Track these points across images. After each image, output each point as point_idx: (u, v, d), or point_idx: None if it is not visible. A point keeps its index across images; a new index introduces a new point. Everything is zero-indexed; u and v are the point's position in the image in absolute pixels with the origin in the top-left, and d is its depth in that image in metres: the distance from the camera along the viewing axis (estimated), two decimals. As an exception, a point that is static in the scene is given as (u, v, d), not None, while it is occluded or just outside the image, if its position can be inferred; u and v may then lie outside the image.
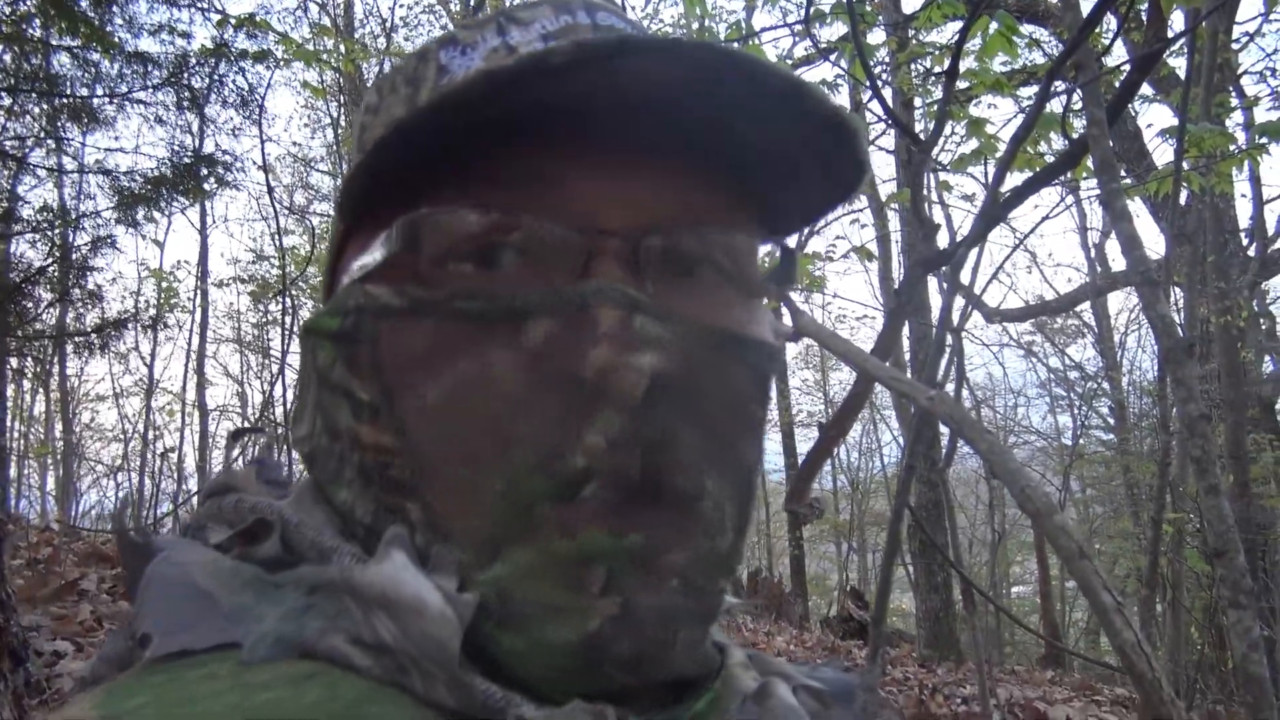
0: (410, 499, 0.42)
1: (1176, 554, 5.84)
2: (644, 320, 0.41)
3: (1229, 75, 9.07)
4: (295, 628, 0.40)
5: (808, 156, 0.45)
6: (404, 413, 0.43)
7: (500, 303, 0.42)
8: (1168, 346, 1.70)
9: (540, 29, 0.49)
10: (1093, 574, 1.16)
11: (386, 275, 0.44)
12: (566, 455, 0.40)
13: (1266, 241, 10.82)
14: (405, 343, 0.43)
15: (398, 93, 0.50)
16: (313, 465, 0.48)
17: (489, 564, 0.41)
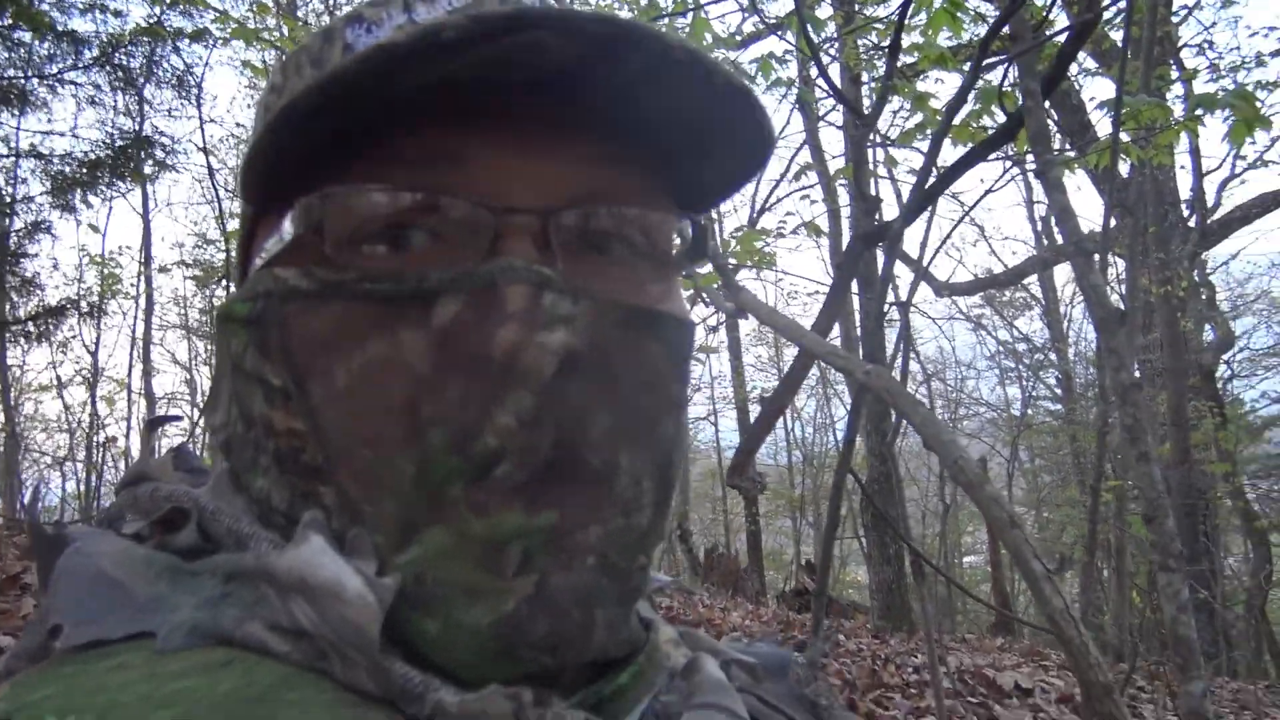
0: (324, 483, 0.42)
1: (1119, 521, 5.97)
2: (553, 298, 0.40)
3: (1169, 48, 9.21)
4: (211, 615, 0.39)
5: (715, 129, 0.44)
6: (314, 397, 0.42)
7: (408, 283, 0.41)
8: (1100, 316, 1.73)
9: (446, 4, 0.48)
10: (1023, 543, 1.18)
11: (294, 258, 0.43)
12: (478, 435, 0.39)
13: (1206, 213, 11.04)
14: (314, 326, 0.42)
15: (302, 72, 0.49)
16: (229, 453, 0.47)
17: (405, 546, 0.40)
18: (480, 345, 0.40)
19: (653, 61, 0.39)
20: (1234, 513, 10.45)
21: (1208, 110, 3.83)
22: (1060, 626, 1.14)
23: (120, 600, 0.40)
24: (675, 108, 0.43)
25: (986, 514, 1.31)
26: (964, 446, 1.54)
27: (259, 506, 0.45)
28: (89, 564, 0.41)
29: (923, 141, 6.70)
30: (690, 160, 0.47)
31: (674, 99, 0.42)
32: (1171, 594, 1.54)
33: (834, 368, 2.84)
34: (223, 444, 0.48)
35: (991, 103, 3.31)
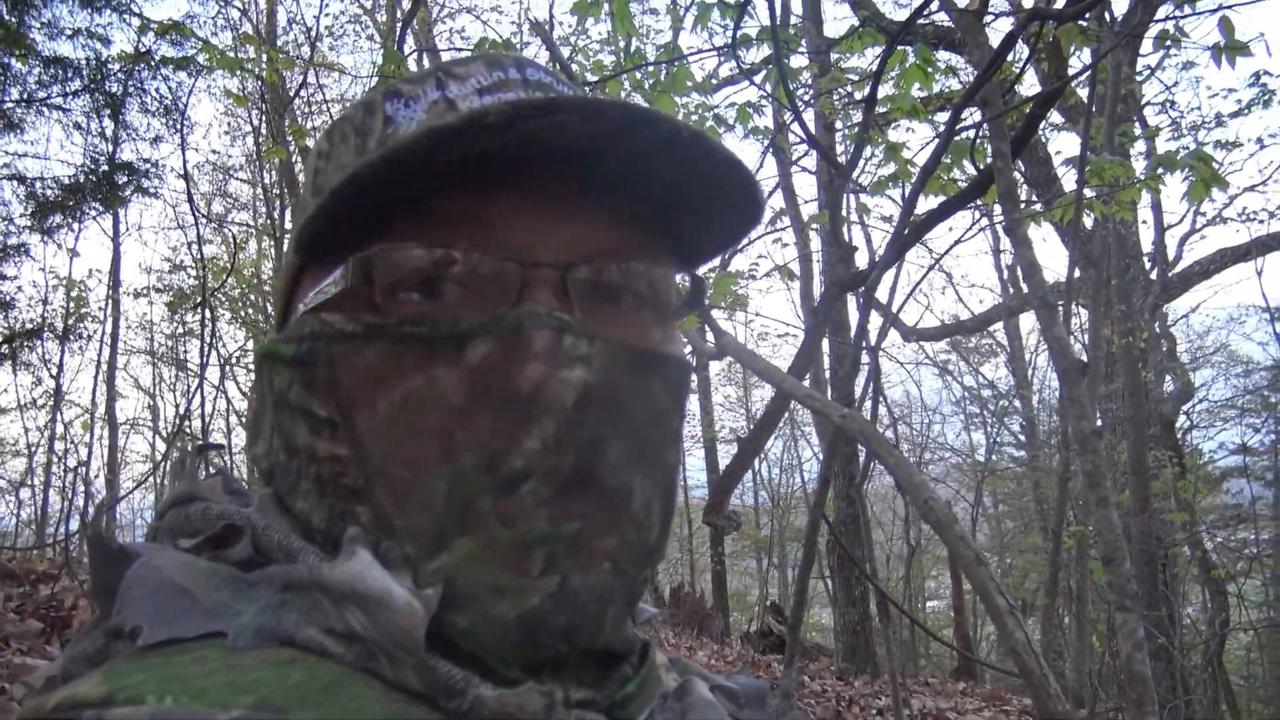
0: (361, 503, 0.48)
1: (1080, 566, 6.06)
2: (572, 340, 0.47)
3: (1133, 106, 9.47)
4: (274, 619, 0.44)
5: (715, 197, 0.52)
6: (358, 426, 0.48)
7: (443, 327, 0.47)
8: (1063, 367, 1.82)
9: (475, 83, 0.55)
10: (987, 579, 1.25)
11: (340, 305, 0.49)
12: (506, 458, 0.46)
13: (1167, 266, 11.29)
14: (359, 364, 0.48)
15: (348, 142, 0.55)
16: (271, 479, 0.53)
17: (435, 555, 0.46)
18: (509, 380, 0.46)
19: (662, 139, 0.47)
20: (1193, 562, 10.59)
21: (1168, 169, 3.97)
22: (1022, 658, 1.20)
23: (190, 606, 0.44)
24: (679, 178, 0.50)
25: (954, 552, 1.37)
26: (933, 489, 1.61)
27: (300, 527, 0.51)
28: (159, 574, 0.46)
29: (895, 190, 6.84)
30: (690, 221, 0.55)
31: (679, 170, 0.50)
32: (1128, 633, 1.61)
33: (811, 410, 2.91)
34: (266, 471, 0.54)
35: (963, 158, 3.43)
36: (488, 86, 0.55)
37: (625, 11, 3.92)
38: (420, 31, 11.21)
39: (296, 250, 0.52)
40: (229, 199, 14.80)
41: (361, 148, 0.54)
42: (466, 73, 0.56)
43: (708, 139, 0.47)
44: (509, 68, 0.56)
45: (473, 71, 0.56)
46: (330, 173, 0.55)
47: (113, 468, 12.60)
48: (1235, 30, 2.39)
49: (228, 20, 10.78)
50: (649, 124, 0.46)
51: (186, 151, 7.21)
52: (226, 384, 12.11)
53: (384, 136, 0.53)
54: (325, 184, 0.53)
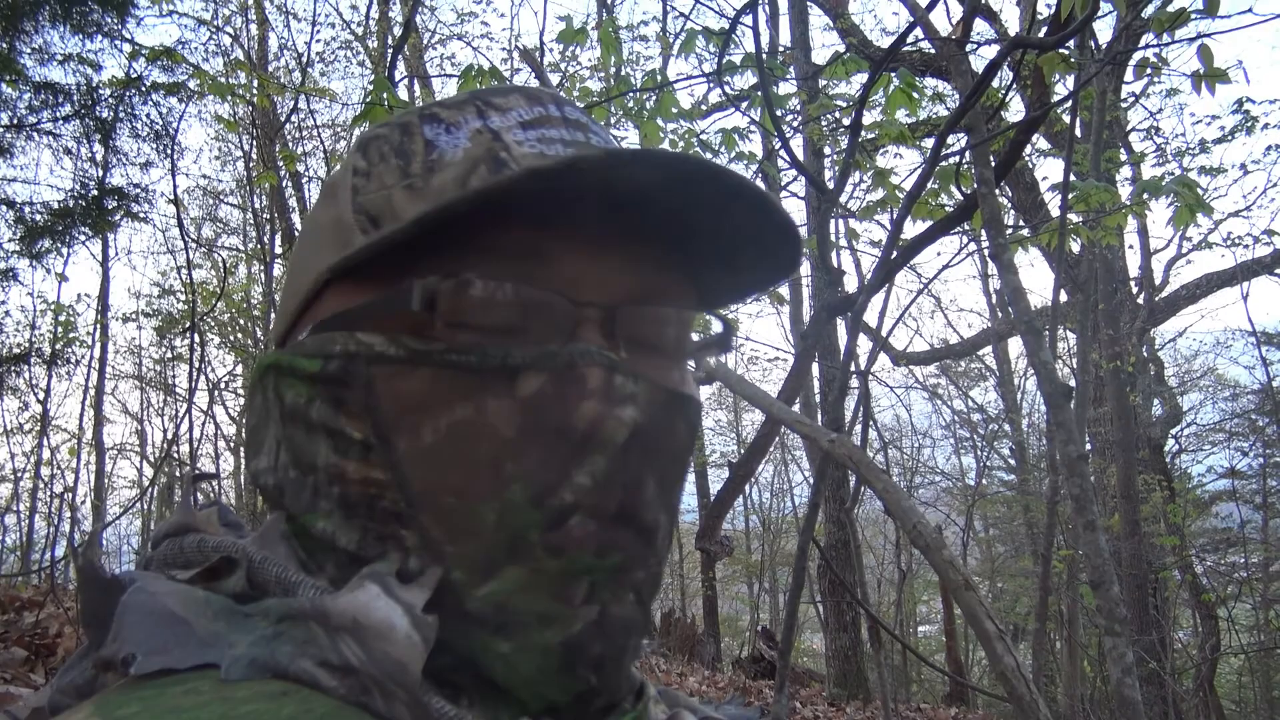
0: (405, 527, 0.48)
1: (1071, 590, 6.06)
2: (622, 379, 0.48)
3: (1118, 132, 9.57)
4: (268, 651, 0.44)
5: (751, 249, 0.54)
6: (398, 450, 0.48)
7: (493, 358, 0.48)
8: (1049, 392, 1.82)
9: (517, 116, 0.55)
10: (977, 604, 1.25)
11: (379, 326, 0.49)
12: (556, 492, 0.46)
13: (1154, 290, 11.38)
14: (402, 388, 0.48)
15: (388, 162, 0.54)
16: (279, 496, 0.52)
17: (485, 581, 0.47)
18: (563, 415, 0.47)
19: (727, 194, 0.48)
20: (1183, 586, 10.60)
21: (1154, 195, 4.02)
22: (1012, 684, 1.20)
23: (185, 635, 0.44)
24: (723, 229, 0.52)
25: (943, 577, 1.38)
26: (922, 513, 1.61)
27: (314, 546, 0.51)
28: (154, 601, 0.45)
29: (883, 215, 6.88)
30: (720, 269, 0.56)
31: (726, 223, 0.51)
32: (1117, 657, 1.61)
33: (800, 435, 2.91)
34: (271, 488, 0.53)
35: (949, 183, 3.46)
36: (529, 121, 0.55)
37: (613, 39, 3.95)
38: (411, 58, 11.27)
39: (335, 268, 0.52)
40: (219, 223, 14.81)
41: (405, 170, 0.53)
42: (506, 104, 0.56)
43: (771, 199, 0.49)
44: (548, 104, 0.57)
45: (512, 104, 0.56)
46: (372, 193, 0.53)
47: (100, 493, 12.52)
48: (1214, 59, 2.42)
49: (219, 46, 10.84)
50: (719, 180, 0.47)
51: (177, 176, 7.21)
52: (215, 409, 12.06)
53: (428, 162, 0.53)
54: (369, 205, 0.53)
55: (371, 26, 12.10)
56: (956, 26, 3.19)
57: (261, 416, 0.54)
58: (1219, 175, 9.82)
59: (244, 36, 11.85)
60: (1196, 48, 2.35)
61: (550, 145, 0.53)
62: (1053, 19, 2.79)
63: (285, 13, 11.98)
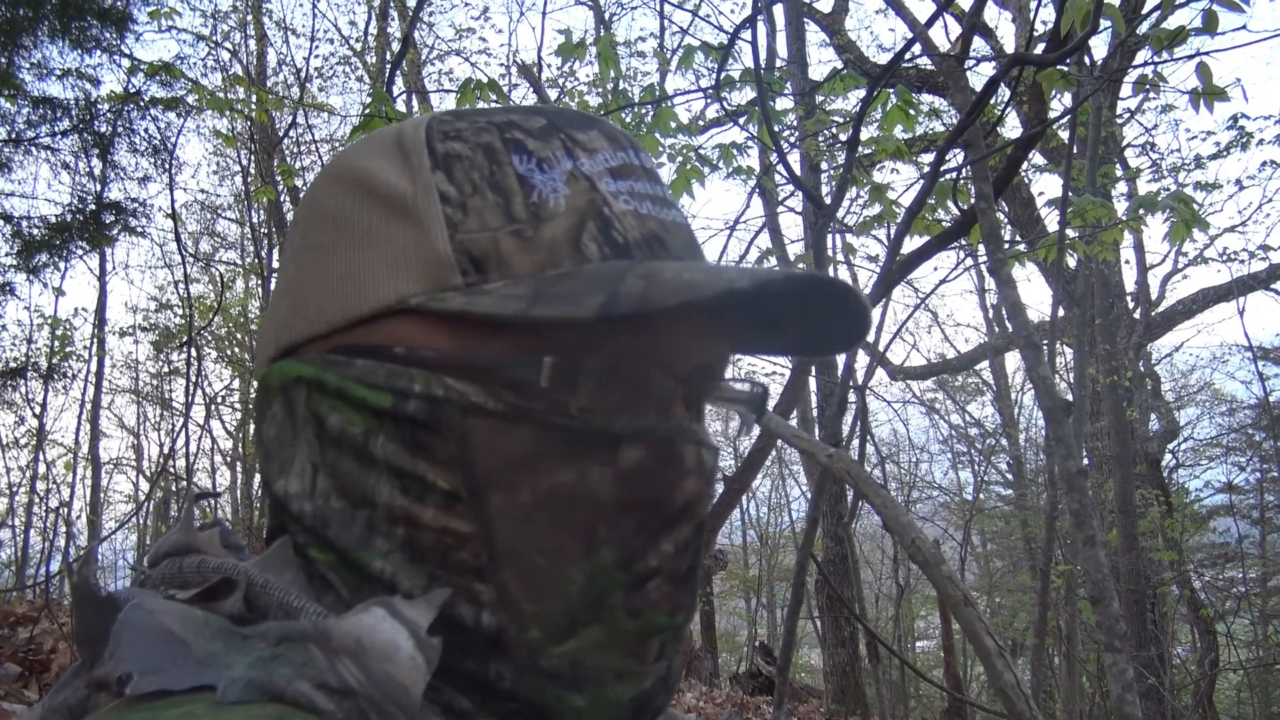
0: (482, 581, 0.47)
1: (1069, 605, 6.05)
2: (707, 454, 0.52)
3: (1114, 148, 9.61)
4: (265, 674, 0.43)
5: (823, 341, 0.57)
6: (490, 505, 0.47)
7: (596, 425, 0.48)
8: (1048, 406, 1.82)
9: (604, 161, 0.53)
10: (975, 620, 1.24)
11: (473, 375, 0.48)
12: (643, 558, 0.49)
13: (1150, 305, 11.41)
14: (502, 444, 0.47)
15: (483, 196, 0.50)
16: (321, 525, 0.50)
17: (564, 640, 0.48)
18: (661, 490, 0.49)
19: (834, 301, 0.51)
20: (1181, 601, 10.58)
21: (1150, 211, 4.03)
22: (1012, 700, 1.20)
23: (182, 655, 0.43)
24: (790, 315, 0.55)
25: (941, 592, 1.37)
26: (920, 528, 1.61)
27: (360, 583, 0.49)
28: (153, 620, 0.45)
29: (880, 230, 6.89)
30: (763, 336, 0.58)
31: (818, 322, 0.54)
32: (1117, 674, 1.60)
33: (798, 450, 2.91)
34: (310, 514, 0.50)
35: (947, 198, 3.47)
36: (617, 169, 0.53)
37: (611, 54, 3.97)
38: (409, 73, 11.31)
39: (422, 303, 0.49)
40: (217, 238, 14.81)
41: (507, 211, 0.50)
42: (590, 144, 0.53)
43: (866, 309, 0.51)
44: (628, 148, 0.55)
45: (595, 144, 0.54)
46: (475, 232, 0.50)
47: (95, 508, 12.49)
48: (1213, 76, 2.44)
49: (218, 61, 10.87)
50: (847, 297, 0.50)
51: (175, 191, 7.22)
52: (211, 423, 12.03)
53: (530, 205, 0.50)
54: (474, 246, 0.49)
55: (370, 42, 12.15)
56: (955, 43, 3.20)
57: (286, 432, 0.52)
58: (1215, 191, 9.88)
59: (243, 52, 11.89)
60: (1195, 65, 2.36)
61: (642, 203, 0.53)
62: (1051, 36, 2.81)
63: (284, 28, 12.04)
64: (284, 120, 10.52)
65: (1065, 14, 2.06)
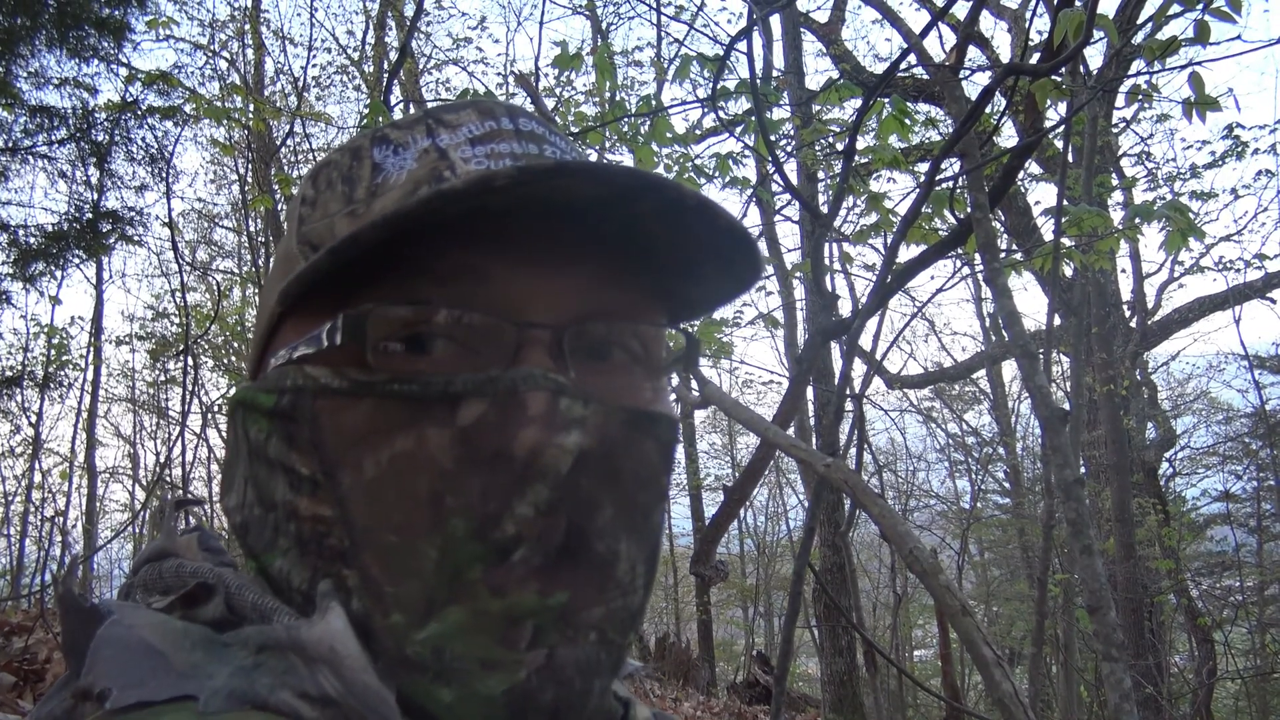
0: (347, 566, 0.46)
1: (1067, 614, 6.04)
2: (568, 402, 0.46)
3: (1109, 157, 9.64)
4: (246, 683, 0.43)
5: (711, 260, 0.51)
6: (343, 486, 0.46)
7: (435, 386, 0.46)
8: (1045, 415, 1.83)
9: (467, 132, 0.53)
10: (974, 629, 1.24)
11: (325, 358, 0.48)
12: (498, 524, 0.44)
13: (1146, 314, 11.43)
14: (345, 421, 0.47)
15: (334, 189, 0.53)
16: (245, 534, 0.52)
17: (424, 624, 0.45)
18: (503, 444, 0.45)
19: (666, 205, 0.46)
20: (1178, 609, 10.57)
21: (1145, 220, 4.04)
22: (1010, 709, 1.20)
23: (161, 667, 0.43)
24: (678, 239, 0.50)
25: (939, 602, 1.37)
26: (917, 537, 1.61)
27: (274, 585, 0.49)
28: (131, 634, 0.44)
29: (876, 239, 6.90)
30: (683, 279, 0.54)
31: (678, 232, 0.49)
32: (1115, 683, 1.60)
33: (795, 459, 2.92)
34: (239, 526, 0.52)
35: (943, 208, 3.48)
36: (480, 136, 0.53)
37: (608, 65, 3.98)
38: (406, 83, 11.33)
39: (280, 300, 0.50)
40: (214, 246, 14.80)
41: (349, 196, 0.52)
42: (457, 120, 0.54)
43: (712, 205, 0.46)
44: (501, 116, 0.55)
45: (464, 120, 0.54)
46: (316, 221, 0.53)
47: (91, 517, 12.44)
48: (1205, 86, 2.44)
49: (215, 71, 10.88)
50: (654, 189, 0.45)
51: (172, 199, 7.22)
52: (208, 432, 12.01)
53: (373, 186, 0.52)
54: (313, 235, 0.52)
55: (367, 51, 12.17)
56: (950, 53, 3.21)
57: (233, 452, 0.54)
58: (1210, 200, 9.89)
59: (240, 61, 11.90)
60: (1189, 75, 2.37)
61: (499, 160, 0.52)
62: (1046, 45, 2.82)
63: (282, 38, 12.03)
64: (281, 129, 10.53)
65: (1059, 24, 2.07)
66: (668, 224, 0.48)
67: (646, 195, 0.46)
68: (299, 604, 0.48)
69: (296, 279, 0.47)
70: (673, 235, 0.49)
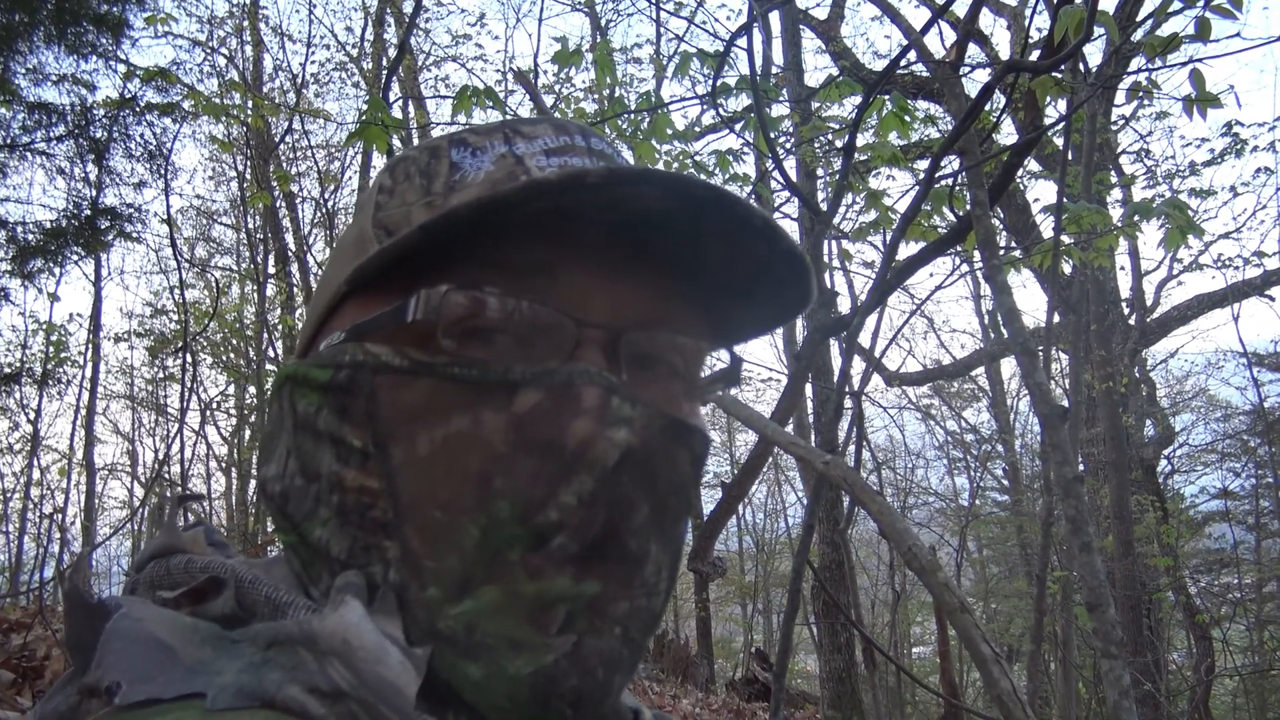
0: (389, 538, 0.47)
1: (1065, 612, 6.05)
2: (619, 401, 0.47)
3: (1109, 154, 9.64)
4: (255, 679, 0.43)
5: (764, 282, 0.53)
6: (394, 459, 0.48)
7: (494, 373, 0.47)
8: (1044, 412, 1.83)
9: (543, 144, 0.55)
10: (972, 627, 1.24)
11: (388, 336, 0.49)
12: (541, 509, 0.46)
13: (1145, 312, 11.43)
14: (403, 398, 0.48)
15: (412, 181, 0.55)
16: (284, 503, 0.52)
17: (459, 600, 0.46)
18: (555, 433, 0.46)
19: (734, 221, 0.48)
20: (1177, 607, 10.59)
21: (1145, 217, 4.04)
22: (1008, 707, 1.19)
23: (170, 663, 0.43)
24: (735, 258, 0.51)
25: (938, 599, 1.37)
26: (916, 534, 1.61)
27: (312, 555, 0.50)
28: (140, 628, 0.45)
29: (876, 236, 6.90)
30: (734, 302, 0.55)
31: (736, 251, 0.50)
32: (1114, 680, 1.60)
33: (794, 457, 2.92)
34: (277, 495, 0.53)
35: (942, 205, 3.48)
36: (554, 149, 0.55)
37: (607, 61, 3.97)
38: (406, 79, 11.32)
39: (351, 278, 0.51)
40: (212, 243, 14.80)
41: (427, 189, 0.54)
42: (534, 132, 0.56)
43: (777, 228, 0.48)
44: (575, 134, 0.57)
45: (540, 132, 0.56)
46: (393, 208, 0.54)
47: (90, 514, 12.44)
48: (1206, 83, 2.44)
49: (214, 67, 10.87)
50: (725, 205, 0.47)
51: (170, 196, 7.22)
52: (206, 429, 12.01)
53: (450, 182, 0.53)
54: (389, 220, 0.54)
55: (366, 48, 12.16)
56: (950, 50, 3.21)
57: (276, 426, 0.54)
58: (1209, 197, 9.89)
59: (239, 58, 11.89)
60: (1189, 72, 2.37)
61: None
62: (1046, 43, 2.82)
63: (280, 34, 12.01)
64: (280, 126, 10.53)
65: (1059, 21, 2.07)
66: (730, 242, 0.49)
67: (718, 210, 0.47)
68: (335, 573, 0.49)
69: (378, 255, 0.49)
70: (733, 254, 0.51)
